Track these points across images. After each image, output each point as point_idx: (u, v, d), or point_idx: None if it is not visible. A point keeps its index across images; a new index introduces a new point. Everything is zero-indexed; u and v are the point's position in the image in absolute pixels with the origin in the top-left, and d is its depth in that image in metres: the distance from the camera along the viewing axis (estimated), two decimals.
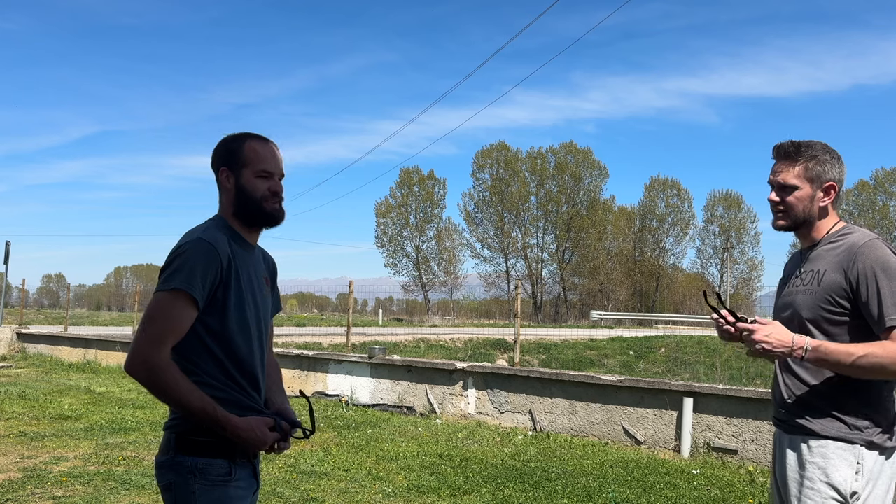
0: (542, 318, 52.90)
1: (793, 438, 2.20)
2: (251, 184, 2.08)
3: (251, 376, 2.07)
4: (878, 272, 2.08)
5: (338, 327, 23.98)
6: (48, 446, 6.80)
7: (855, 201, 56.30)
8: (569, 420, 8.13)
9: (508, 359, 16.88)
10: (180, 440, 1.97)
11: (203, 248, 1.95)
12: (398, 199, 58.15)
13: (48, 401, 9.64)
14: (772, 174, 2.26)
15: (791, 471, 2.18)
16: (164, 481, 1.99)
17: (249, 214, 2.10)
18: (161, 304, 1.92)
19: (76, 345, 16.39)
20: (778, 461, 2.27)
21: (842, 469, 2.11)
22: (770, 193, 2.26)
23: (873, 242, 2.14)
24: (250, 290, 2.08)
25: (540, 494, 5.47)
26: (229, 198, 2.11)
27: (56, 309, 47.80)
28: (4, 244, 21.09)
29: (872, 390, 2.14)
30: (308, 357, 11.26)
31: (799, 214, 2.23)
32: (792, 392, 2.21)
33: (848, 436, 2.12)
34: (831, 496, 2.10)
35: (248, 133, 2.15)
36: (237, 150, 2.10)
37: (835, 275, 2.13)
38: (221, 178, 2.11)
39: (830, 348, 2.07)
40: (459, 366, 9.22)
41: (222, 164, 2.11)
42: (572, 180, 56.15)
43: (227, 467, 1.98)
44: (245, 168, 2.09)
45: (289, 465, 6.23)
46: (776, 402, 2.30)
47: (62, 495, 5.16)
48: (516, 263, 57.96)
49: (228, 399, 1.98)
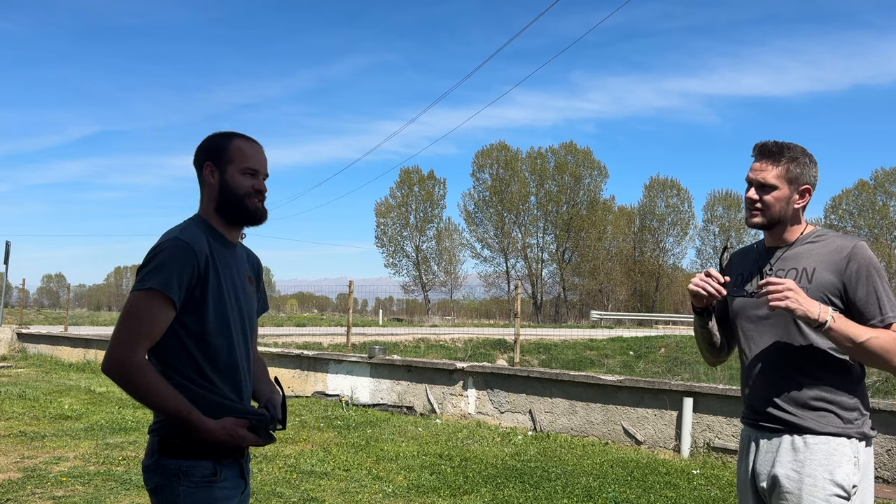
0: (542, 318, 52.89)
1: (783, 437, 2.19)
2: (236, 180, 2.07)
3: (231, 377, 2.04)
4: (872, 273, 2.15)
5: (338, 327, 23.98)
6: (48, 446, 6.80)
7: (855, 201, 56.29)
8: (569, 420, 8.13)
9: (508, 359, 16.88)
10: (163, 443, 1.97)
11: (180, 247, 1.94)
12: (398, 199, 58.15)
13: (48, 401, 9.64)
14: (751, 171, 2.26)
15: (787, 469, 2.15)
16: (151, 484, 1.99)
17: (232, 211, 2.08)
18: (137, 305, 1.91)
19: (76, 345, 16.39)
20: (759, 461, 2.23)
21: (844, 465, 2.12)
22: (748, 190, 2.26)
23: (863, 244, 2.19)
24: (232, 288, 2.06)
25: (540, 494, 5.47)
26: (212, 193, 2.09)
27: (56, 309, 47.81)
28: (4, 244, 21.10)
29: (857, 382, 2.19)
30: (308, 357, 11.26)
31: (775, 214, 2.24)
32: (779, 389, 2.20)
33: (845, 430, 2.15)
34: (835, 493, 2.11)
35: (234, 132, 2.15)
36: (224, 146, 2.10)
37: (828, 274, 2.16)
38: (205, 174, 2.09)
39: (850, 322, 2.09)
40: (459, 366, 9.22)
41: (207, 158, 2.10)
42: (572, 180, 56.12)
43: (212, 468, 1.97)
44: (230, 164, 2.08)
45: (289, 465, 6.23)
46: (757, 401, 2.26)
47: (62, 495, 5.16)
48: (516, 263, 57.98)
49: (205, 400, 1.96)
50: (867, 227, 55.41)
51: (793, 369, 2.19)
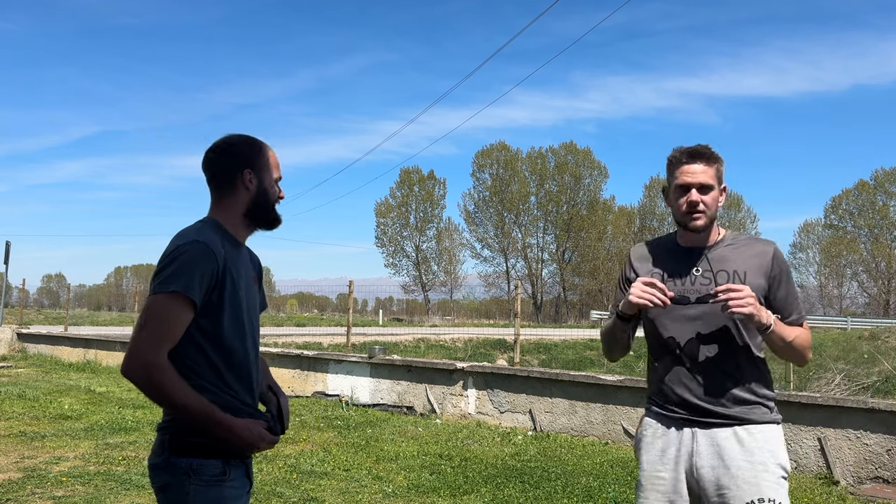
0: (542, 318, 52.92)
1: (724, 430, 2.26)
2: (272, 188, 2.17)
3: (245, 378, 2.07)
4: (790, 274, 2.37)
5: (338, 327, 23.99)
6: (48, 446, 6.80)
7: (855, 201, 56.30)
8: (569, 420, 8.13)
9: (508, 359, 16.89)
10: (174, 441, 1.97)
11: (201, 251, 1.95)
12: (398, 199, 58.18)
13: (48, 401, 9.64)
14: (688, 175, 2.28)
15: (738, 461, 2.22)
16: (160, 482, 1.99)
17: (263, 216, 2.17)
18: (159, 307, 1.91)
19: (76, 345, 16.40)
20: (705, 457, 2.26)
21: (781, 449, 2.29)
22: (689, 193, 2.28)
23: (779, 248, 2.36)
24: (244, 290, 2.08)
25: (540, 494, 5.48)
26: (246, 198, 2.13)
27: (56, 309, 47.80)
28: (4, 244, 21.10)
29: (769, 376, 2.37)
30: (308, 357, 11.26)
31: (712, 214, 2.31)
32: (722, 387, 2.27)
33: (774, 418, 2.32)
34: (781, 475, 2.25)
35: (257, 138, 2.20)
36: (262, 154, 2.16)
37: (758, 278, 2.28)
38: (244, 180, 2.12)
39: (781, 324, 2.26)
40: (459, 366, 9.22)
41: (247, 165, 2.12)
42: (572, 180, 56.16)
43: (222, 467, 1.98)
44: (267, 172, 2.16)
45: (289, 465, 6.23)
46: (695, 398, 2.28)
47: (62, 495, 5.16)
48: (516, 263, 58.03)
49: (221, 402, 1.97)
50: (867, 227, 55.42)
51: (732, 367, 2.27)
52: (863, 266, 56.05)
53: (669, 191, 2.36)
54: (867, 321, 37.07)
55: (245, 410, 2.04)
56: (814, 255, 59.33)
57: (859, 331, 23.80)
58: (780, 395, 6.58)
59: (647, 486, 2.36)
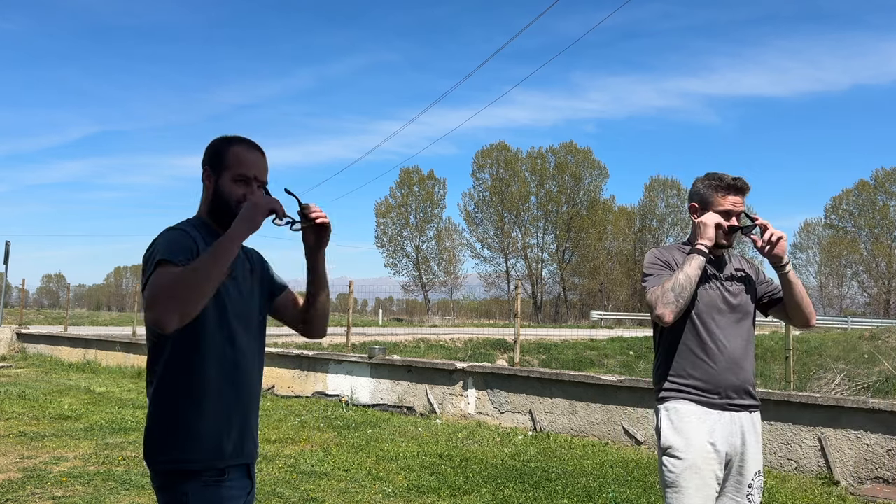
0: (542, 318, 52.89)
1: (743, 415, 2.63)
2: (228, 188, 2.08)
3: (230, 368, 2.01)
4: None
5: (338, 327, 23.94)
6: (48, 446, 6.80)
7: (855, 201, 56.25)
8: (569, 420, 8.13)
9: (508, 359, 16.88)
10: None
11: (175, 234, 1.98)
12: (398, 199, 58.13)
13: (48, 401, 9.64)
14: (733, 206, 2.68)
15: (756, 445, 2.66)
16: (158, 482, 1.99)
17: (221, 217, 2.07)
18: (154, 279, 1.84)
19: (76, 345, 16.40)
20: (738, 435, 2.61)
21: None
22: (731, 219, 2.69)
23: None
24: (230, 279, 2.04)
25: (540, 494, 5.47)
26: (206, 197, 2.13)
27: (56, 309, 47.77)
28: (4, 244, 21.10)
29: None
30: (308, 357, 11.26)
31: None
32: (749, 374, 2.66)
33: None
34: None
35: (238, 137, 2.15)
36: (222, 152, 2.11)
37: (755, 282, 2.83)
38: (203, 177, 2.13)
39: None
40: (459, 366, 9.22)
41: (206, 163, 2.13)
42: (572, 180, 56.12)
43: (221, 468, 1.97)
44: (226, 171, 2.09)
45: (289, 465, 6.23)
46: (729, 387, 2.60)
47: (62, 495, 5.16)
48: (516, 263, 57.97)
49: (221, 402, 1.98)
50: (867, 227, 55.37)
51: (751, 356, 2.70)
52: (863, 266, 56.02)
53: (707, 207, 2.69)
54: (867, 321, 37.03)
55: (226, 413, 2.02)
56: (814, 255, 59.31)
57: (859, 331, 23.76)
58: (780, 395, 6.58)
59: (701, 465, 2.55)
